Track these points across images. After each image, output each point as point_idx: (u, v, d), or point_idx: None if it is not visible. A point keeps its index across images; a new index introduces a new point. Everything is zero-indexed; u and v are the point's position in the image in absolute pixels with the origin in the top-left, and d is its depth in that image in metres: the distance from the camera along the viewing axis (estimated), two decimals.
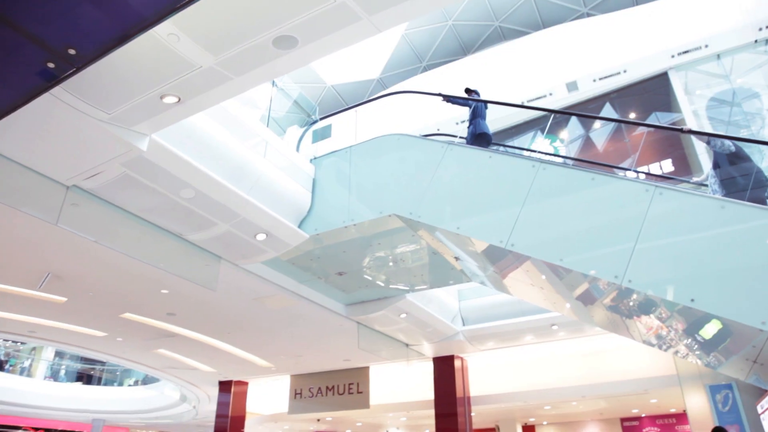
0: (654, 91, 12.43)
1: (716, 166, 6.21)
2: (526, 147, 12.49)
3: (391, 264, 8.43)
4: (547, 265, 5.69)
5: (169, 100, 4.88)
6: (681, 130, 7.80)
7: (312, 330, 10.88)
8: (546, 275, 6.17)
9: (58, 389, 23.51)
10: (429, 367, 12.95)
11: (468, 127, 8.24)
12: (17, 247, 7.17)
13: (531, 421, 17.88)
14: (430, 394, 12.75)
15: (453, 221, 6.42)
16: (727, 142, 6.16)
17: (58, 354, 24.82)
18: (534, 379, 13.04)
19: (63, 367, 25.52)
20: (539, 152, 9.52)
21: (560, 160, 11.94)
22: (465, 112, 9.05)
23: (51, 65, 3.18)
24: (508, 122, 13.68)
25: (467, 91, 8.60)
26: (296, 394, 14.98)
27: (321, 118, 11.49)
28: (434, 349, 12.28)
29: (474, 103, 8.27)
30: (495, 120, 12.08)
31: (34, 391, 22.05)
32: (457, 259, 7.51)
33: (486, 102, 8.35)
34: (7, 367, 23.31)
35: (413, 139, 7.64)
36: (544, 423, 18.19)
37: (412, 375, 14.27)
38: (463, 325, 11.56)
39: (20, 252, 7.33)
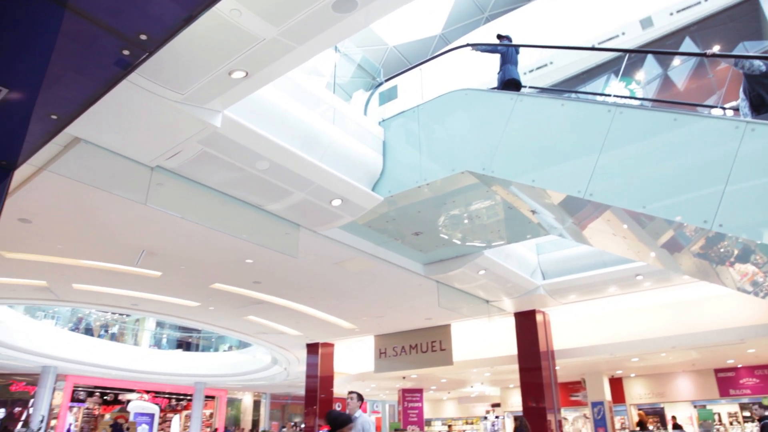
0: (741, 19, 11.48)
1: (747, 89, 5.72)
2: (599, 92, 11.93)
3: (466, 221, 8.40)
4: (629, 213, 5.50)
5: (237, 75, 5.02)
6: (704, 55, 7.17)
7: (392, 291, 11.08)
8: (628, 224, 5.97)
9: (162, 356, 25.30)
10: (511, 323, 12.94)
11: (498, 74, 8.02)
12: (114, 227, 7.69)
13: (618, 373, 17.54)
14: (513, 349, 12.77)
15: (527, 174, 6.29)
16: (756, 62, 5.63)
17: (159, 324, 26.60)
18: (620, 331, 12.75)
19: (164, 336, 27.36)
20: (614, 96, 9.10)
21: (637, 102, 11.35)
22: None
23: (126, 52, 3.34)
24: (578, 67, 13.09)
25: (499, 37, 8.35)
26: (381, 353, 15.40)
27: (386, 80, 11.44)
28: (515, 304, 12.23)
29: (503, 48, 8.05)
30: (563, 67, 11.62)
31: (142, 358, 23.86)
32: (533, 212, 7.39)
33: (516, 46, 8.07)
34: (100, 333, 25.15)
35: (480, 92, 7.50)
36: (632, 375, 17.81)
37: (495, 331, 14.31)
38: (544, 279, 11.42)
39: (117, 232, 7.86)
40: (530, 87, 8.14)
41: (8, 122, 3.96)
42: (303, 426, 16.28)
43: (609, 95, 10.49)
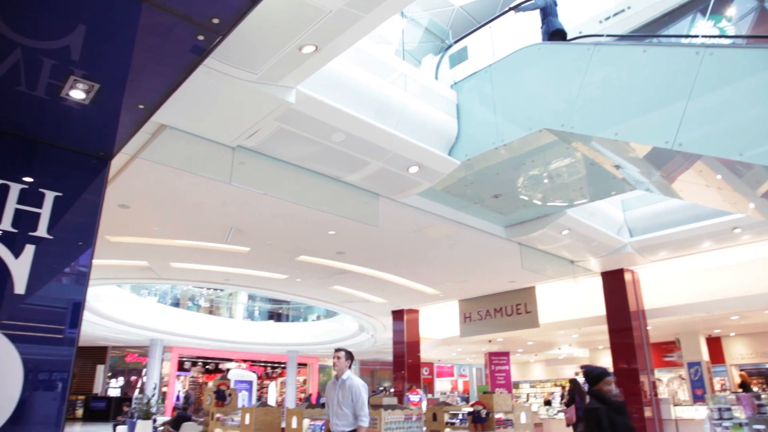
0: None
1: None
2: (684, 34, 11.11)
3: (546, 181, 8.19)
4: (723, 162, 5.15)
5: (308, 49, 5.07)
6: None
7: (474, 255, 11.04)
8: (722, 174, 5.61)
9: (255, 327, 26.60)
10: (598, 282, 12.58)
11: (541, 28, 7.64)
12: (203, 207, 8.09)
13: (716, 332, 16.70)
14: (601, 310, 12.44)
15: (609, 127, 6.02)
16: None
17: (251, 297, 27.89)
18: (717, 288, 12.08)
19: (256, 308, 28.67)
20: (702, 36, 8.45)
21: (728, 41, 10.50)
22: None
23: (201, 38, 3.44)
24: (659, 10, 12.21)
25: None
26: (465, 317, 15.45)
27: (455, 42, 11.18)
28: (602, 263, 11.87)
29: (542, 2, 7.71)
30: (641, 11, 10.87)
31: (237, 329, 25.23)
32: (617, 167, 7.09)
33: None
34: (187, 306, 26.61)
35: (555, 46, 7.20)
36: (732, 334, 16.89)
37: (581, 291, 13.97)
38: (631, 236, 10.98)
39: (206, 212, 8.27)
40: (607, 35, 7.70)
41: (102, 115, 4.21)
42: (392, 390, 16.68)
43: (696, 36, 9.76)
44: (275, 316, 28.82)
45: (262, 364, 29.82)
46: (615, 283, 12.27)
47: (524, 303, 13.94)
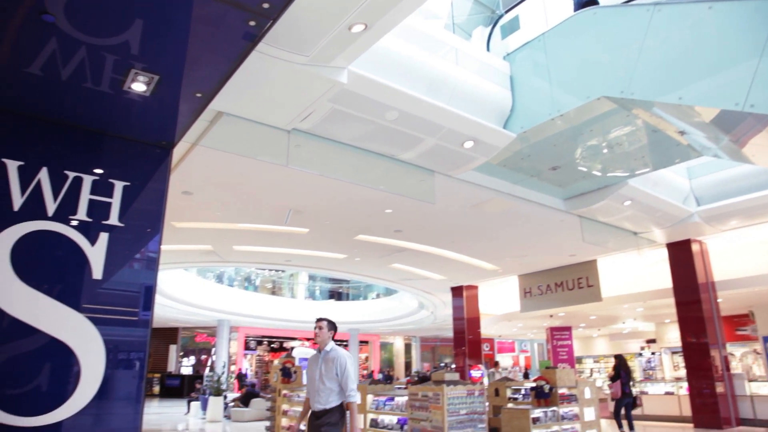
0: None
1: None
2: None
3: (606, 151, 7.94)
4: None
5: (357, 28, 5.06)
6: None
7: (533, 229, 10.87)
8: None
9: (317, 306, 27.20)
10: (663, 254, 12.16)
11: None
12: (262, 191, 8.28)
13: None
14: (667, 282, 12.03)
15: (672, 91, 5.76)
16: None
17: (311, 277, 28.48)
18: None
19: (317, 287, 29.27)
20: None
21: None
22: None
23: (252, 23, 3.49)
24: None
25: None
26: (525, 292, 15.28)
27: (506, 12, 10.91)
28: (667, 234, 11.45)
29: None
30: None
31: (299, 309, 25.88)
32: (681, 133, 6.79)
33: None
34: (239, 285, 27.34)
35: (612, 9, 6.91)
36: None
37: (646, 263, 13.55)
38: (698, 205, 10.52)
39: (265, 195, 8.46)
40: None
41: (162, 105, 4.36)
42: (453, 366, 16.77)
43: None
44: (336, 295, 29.35)
45: None
46: (682, 255, 11.82)
47: (586, 277, 13.65)
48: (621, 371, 11.19)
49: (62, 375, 4.16)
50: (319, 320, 5.29)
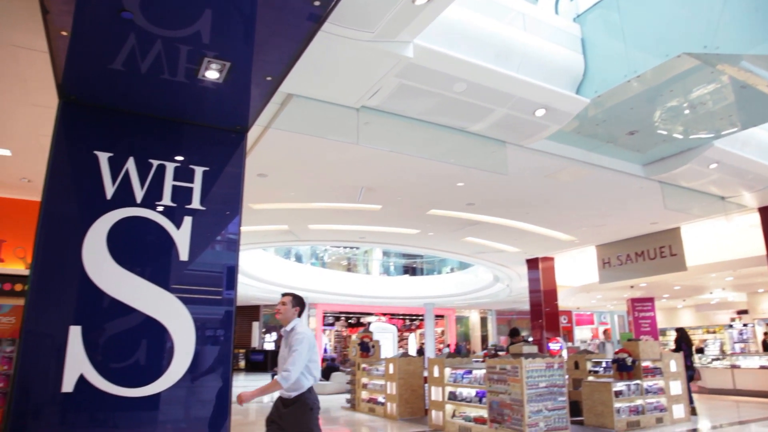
0: None
1: None
2: None
3: (687, 111, 7.50)
4: None
5: (421, 1, 5.00)
6: None
7: (611, 197, 10.49)
8: None
9: (392, 282, 27.53)
10: (755, 219, 11.43)
11: None
12: (333, 170, 8.42)
13: None
14: (760, 249, 11.32)
15: (764, 41, 5.35)
16: None
17: (385, 253, 28.82)
18: None
19: (391, 263, 29.60)
20: None
21: None
22: None
23: (316, 3, 3.52)
24: None
25: None
26: (604, 263, 14.82)
27: None
28: (758, 198, 10.74)
29: None
30: None
31: (374, 285, 26.30)
32: None
33: None
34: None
35: None
36: None
37: (735, 230, 12.80)
38: None
39: (337, 174, 8.61)
40: None
41: (235, 91, 4.51)
42: (531, 339, 16.60)
43: None
44: (410, 270, 29.58)
45: (401, 316, 30.92)
46: None
47: (668, 245, 13.06)
48: (682, 344, 10.96)
49: (158, 350, 4.46)
50: (283, 295, 4.90)
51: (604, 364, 10.92)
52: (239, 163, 5.04)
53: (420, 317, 30.74)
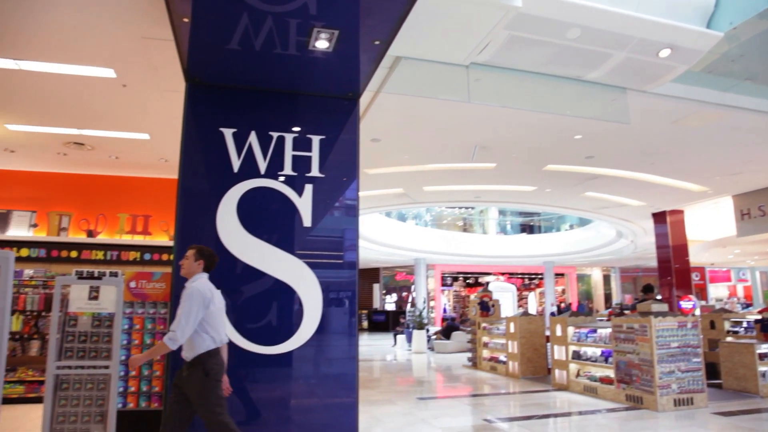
0: None
1: None
2: None
3: None
4: None
5: None
6: None
7: (749, 141, 9.52)
8: None
9: (509, 241, 27.14)
10: None
11: None
12: (446, 130, 8.35)
13: None
14: None
15: None
16: None
17: (501, 212, 28.41)
18: None
19: (508, 222, 29.13)
20: None
21: None
22: None
23: None
24: None
25: None
26: (743, 214, 13.57)
27: None
28: None
29: None
30: None
31: (491, 244, 26.11)
32: None
33: None
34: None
35: None
36: None
37: None
38: None
39: (449, 134, 8.54)
40: None
41: (345, 59, 4.59)
42: (659, 297, 15.72)
43: None
44: (527, 228, 28.96)
45: (519, 275, 30.51)
46: None
47: None
48: None
49: (289, 311, 4.77)
50: (189, 248, 4.18)
51: (745, 324, 10.13)
52: (353, 130, 5.17)
53: (539, 276, 30.14)
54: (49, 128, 7.83)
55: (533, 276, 30.83)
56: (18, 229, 9.25)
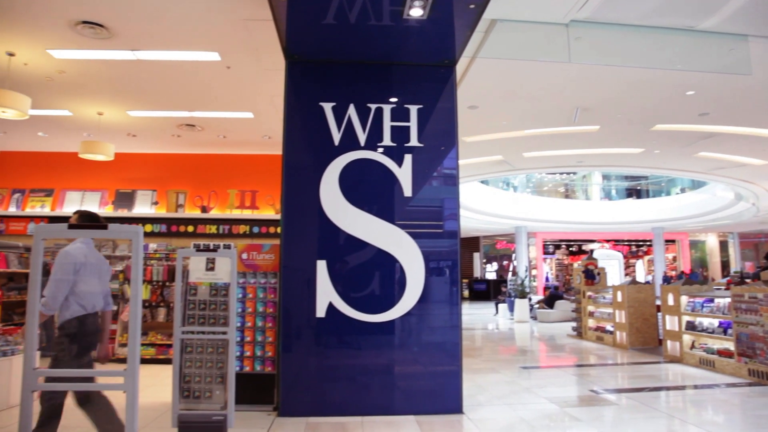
0: None
1: None
2: None
3: None
4: None
5: None
6: None
7: None
8: None
9: (614, 206, 25.96)
10: None
11: None
12: (545, 93, 8.05)
13: None
14: None
15: None
16: None
17: (605, 176, 27.14)
18: None
19: (612, 187, 27.80)
20: None
21: None
22: None
23: None
24: None
25: None
26: None
27: None
28: None
29: None
30: None
31: (595, 210, 25.13)
32: None
33: None
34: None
35: None
36: None
37: None
38: None
39: (548, 97, 8.23)
40: None
41: (440, 25, 4.53)
42: None
43: None
44: (634, 192, 27.49)
45: (626, 242, 29.14)
46: None
47: None
48: None
49: (391, 281, 4.87)
50: (74, 212, 3.95)
51: None
52: (451, 97, 5.12)
53: (648, 243, 28.61)
54: (164, 112, 8.38)
55: (641, 243, 29.32)
56: (142, 207, 10.07)
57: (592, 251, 27.37)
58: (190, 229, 9.78)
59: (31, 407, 2.37)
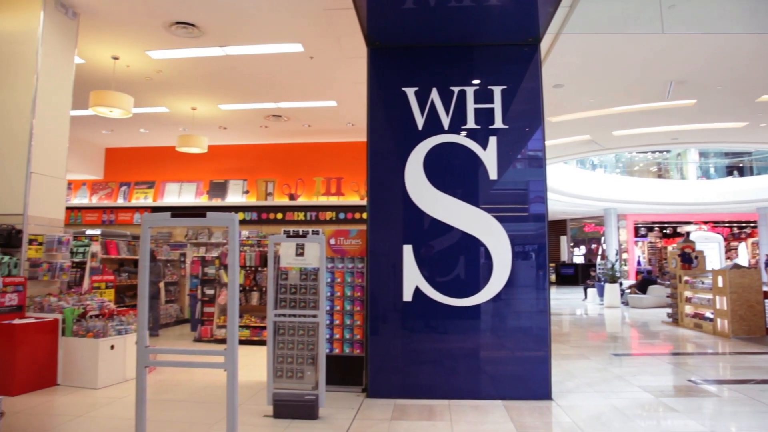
0: None
1: None
2: None
3: None
4: None
5: None
6: None
7: None
8: None
9: (712, 185, 24.35)
10: None
11: None
12: (635, 68, 7.66)
13: None
14: None
15: None
16: None
17: (703, 154, 25.50)
18: None
19: (711, 165, 26.08)
20: None
21: None
22: None
23: None
24: None
25: None
26: None
27: None
28: None
29: None
30: None
31: (691, 190, 23.70)
32: None
33: None
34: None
35: None
36: None
37: None
38: None
39: (639, 71, 7.82)
40: None
41: (523, 2, 4.42)
42: None
43: None
44: (736, 170, 25.65)
45: (726, 224, 27.28)
46: None
47: None
48: None
49: (477, 265, 4.84)
50: None
51: None
52: (535, 77, 4.98)
53: (752, 224, 26.66)
54: (252, 104, 8.71)
55: (744, 224, 27.36)
56: (234, 196, 10.55)
57: (688, 233, 25.86)
58: (279, 216, 10.16)
59: (144, 381, 2.57)
